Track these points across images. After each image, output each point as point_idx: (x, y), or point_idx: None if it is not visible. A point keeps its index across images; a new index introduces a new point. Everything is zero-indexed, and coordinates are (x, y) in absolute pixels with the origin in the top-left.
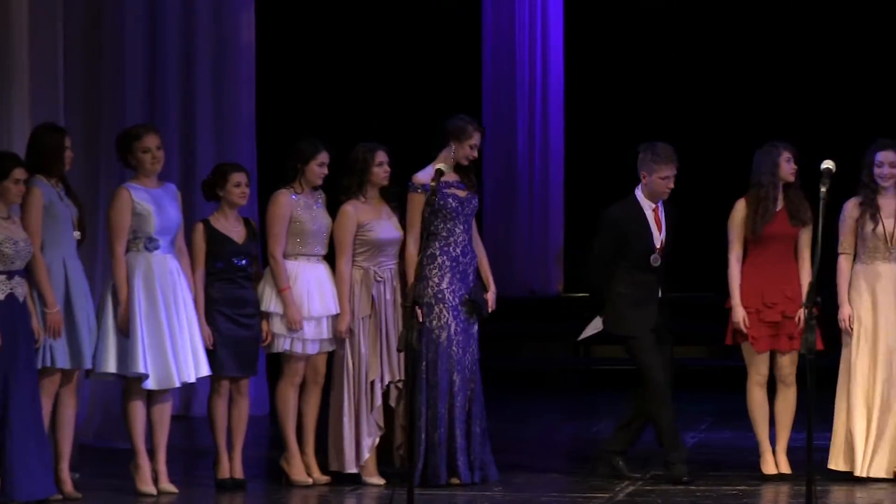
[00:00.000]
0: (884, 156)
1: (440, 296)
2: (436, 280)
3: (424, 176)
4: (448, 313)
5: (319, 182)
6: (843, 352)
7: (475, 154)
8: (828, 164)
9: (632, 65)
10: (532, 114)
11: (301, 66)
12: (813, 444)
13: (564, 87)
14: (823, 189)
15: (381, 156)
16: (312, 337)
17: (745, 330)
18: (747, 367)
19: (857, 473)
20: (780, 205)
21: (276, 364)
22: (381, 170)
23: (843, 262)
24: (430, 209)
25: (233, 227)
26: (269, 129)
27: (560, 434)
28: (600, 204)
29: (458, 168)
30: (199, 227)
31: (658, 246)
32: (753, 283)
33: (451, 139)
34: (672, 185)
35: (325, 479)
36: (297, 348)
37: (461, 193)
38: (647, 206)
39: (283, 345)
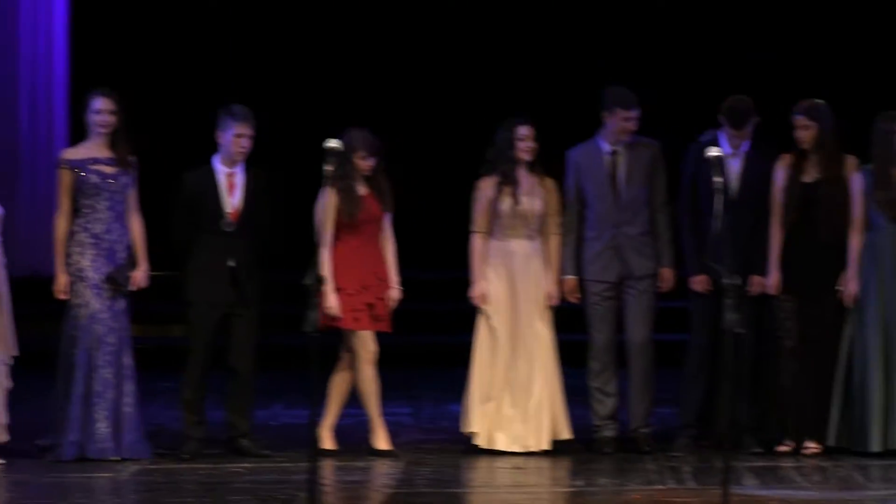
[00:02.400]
0: (525, 130)
1: (80, 273)
2: (76, 258)
3: (73, 153)
4: (88, 291)
5: None
6: (478, 328)
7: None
8: (333, 143)
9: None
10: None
11: None
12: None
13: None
14: (329, 168)
15: None
16: None
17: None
18: (355, 349)
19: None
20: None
21: None
22: None
23: (478, 241)
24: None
25: None
26: None
27: None
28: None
29: (113, 144)
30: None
31: (230, 211)
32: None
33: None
34: (246, 145)
35: None
36: None
37: (108, 170)
38: (222, 171)
39: None
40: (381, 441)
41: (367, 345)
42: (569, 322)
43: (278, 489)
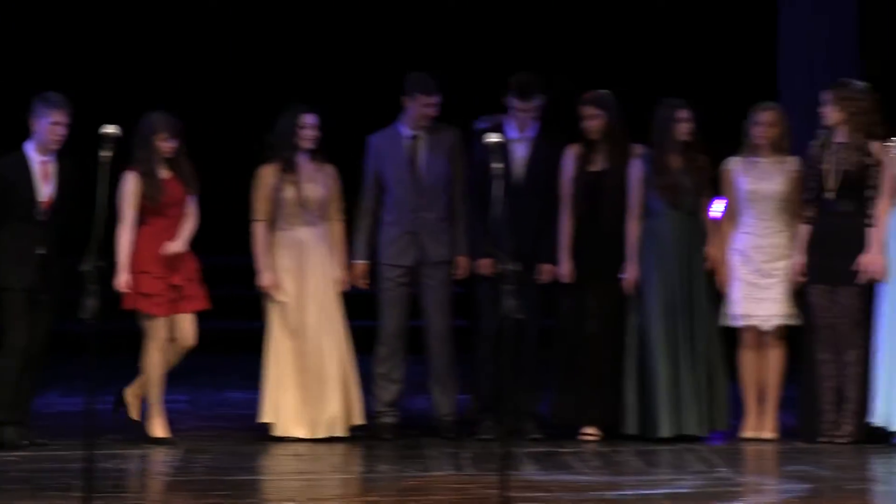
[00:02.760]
0: (308, 118)
1: None
2: None
3: None
4: None
5: None
6: (269, 316)
7: None
8: (109, 128)
9: None
10: None
11: None
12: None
13: None
14: (105, 154)
15: None
16: None
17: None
18: (147, 331)
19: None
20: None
21: None
22: None
23: (260, 229)
24: None
25: None
26: None
27: None
28: None
29: None
30: None
31: (43, 199)
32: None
33: None
34: (62, 133)
35: None
36: None
37: None
38: (36, 159)
39: None
40: (158, 428)
41: (158, 331)
42: (358, 308)
43: (54, 478)
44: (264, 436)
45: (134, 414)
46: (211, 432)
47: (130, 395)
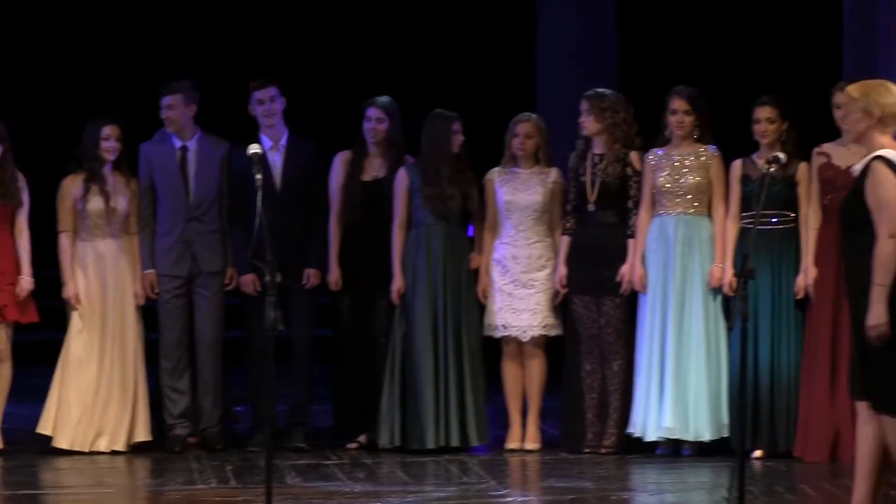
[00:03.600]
0: (109, 130)
1: None
2: None
3: None
4: None
5: None
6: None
7: None
8: None
9: None
10: None
11: None
12: None
13: None
14: None
15: None
16: None
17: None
18: None
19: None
20: None
21: None
22: None
23: (65, 240)
24: None
25: None
26: None
27: None
28: None
29: None
30: None
31: None
32: None
33: None
34: None
35: None
36: None
37: None
38: None
39: None
40: None
41: None
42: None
43: None
44: (46, 448)
45: None
46: None
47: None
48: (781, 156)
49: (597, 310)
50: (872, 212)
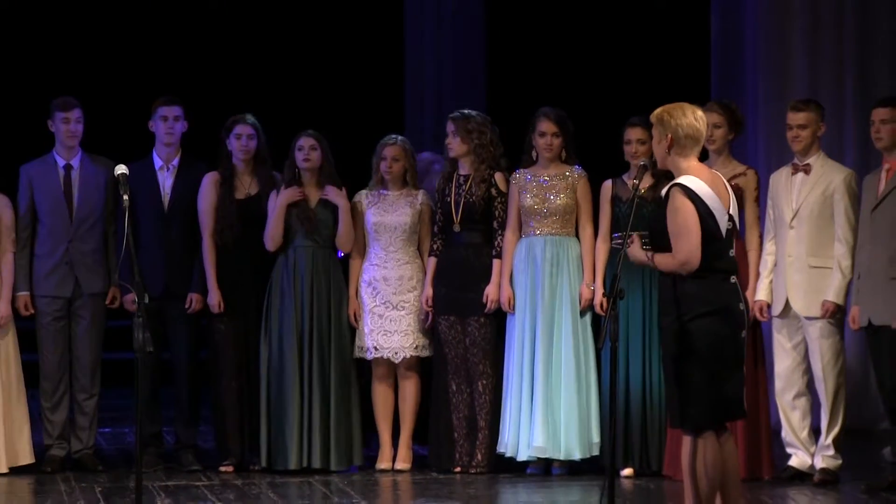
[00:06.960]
0: None
1: None
2: None
3: None
4: None
5: None
6: None
7: None
8: None
9: None
10: None
11: None
12: None
13: None
14: None
15: None
16: None
17: None
18: None
19: None
20: None
21: None
22: None
23: None
24: None
25: None
26: None
27: None
28: None
29: None
30: None
31: None
32: None
33: None
34: None
35: None
36: None
37: None
38: None
39: None
40: None
41: None
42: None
43: None
44: None
45: None
46: None
47: None
48: (648, 161)
49: (462, 330)
50: (671, 238)
